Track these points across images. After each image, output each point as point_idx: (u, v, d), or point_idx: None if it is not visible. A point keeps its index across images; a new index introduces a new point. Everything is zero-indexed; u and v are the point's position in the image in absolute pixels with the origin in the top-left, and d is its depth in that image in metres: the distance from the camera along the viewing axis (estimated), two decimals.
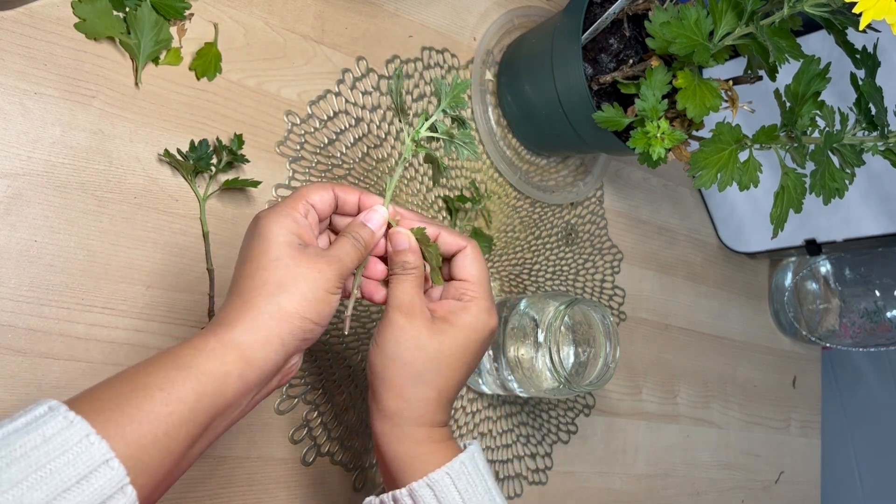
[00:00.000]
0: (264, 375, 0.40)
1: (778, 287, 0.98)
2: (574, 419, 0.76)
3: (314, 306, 0.41)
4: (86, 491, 0.32)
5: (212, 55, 0.57)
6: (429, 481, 0.44)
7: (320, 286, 0.41)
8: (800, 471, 0.99)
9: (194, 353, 0.38)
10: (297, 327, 0.40)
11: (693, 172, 0.57)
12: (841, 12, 0.52)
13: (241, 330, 0.39)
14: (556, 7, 0.79)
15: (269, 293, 0.40)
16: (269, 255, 0.41)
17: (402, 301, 0.46)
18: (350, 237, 0.45)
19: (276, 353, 0.40)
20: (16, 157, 0.50)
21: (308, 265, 0.41)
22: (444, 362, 0.46)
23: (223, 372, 0.38)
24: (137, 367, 0.38)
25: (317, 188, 0.45)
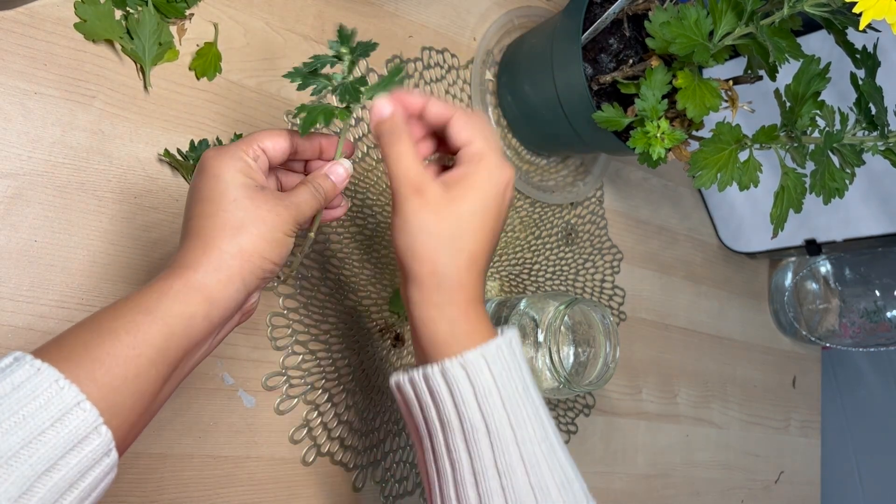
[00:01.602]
0: (227, 314, 0.40)
1: (778, 287, 0.98)
2: (574, 419, 0.76)
3: (272, 247, 0.41)
4: (60, 433, 0.33)
5: (212, 55, 0.57)
6: (462, 361, 0.42)
7: (278, 228, 0.42)
8: (800, 471, 0.99)
9: (159, 297, 0.38)
10: (256, 266, 0.41)
11: (693, 172, 0.57)
12: (841, 12, 0.52)
13: (203, 271, 0.39)
14: (556, 7, 0.79)
15: (230, 234, 0.40)
16: (228, 195, 0.41)
17: (408, 178, 0.44)
18: (311, 187, 0.45)
19: (238, 291, 0.40)
20: (16, 157, 0.50)
21: (268, 207, 0.41)
22: (468, 226, 0.44)
23: (189, 313, 0.38)
24: (101, 313, 0.38)
25: (271, 134, 0.45)
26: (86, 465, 0.34)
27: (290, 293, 0.60)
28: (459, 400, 0.42)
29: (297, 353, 0.60)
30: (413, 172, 0.44)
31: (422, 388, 0.43)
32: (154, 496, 0.52)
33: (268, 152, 0.44)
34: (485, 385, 0.42)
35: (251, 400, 0.57)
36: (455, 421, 0.42)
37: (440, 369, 0.43)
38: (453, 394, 0.42)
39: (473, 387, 0.42)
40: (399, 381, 0.45)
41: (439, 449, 0.43)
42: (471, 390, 0.42)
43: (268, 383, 0.58)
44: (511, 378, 0.43)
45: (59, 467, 0.33)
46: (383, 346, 0.64)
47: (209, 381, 0.56)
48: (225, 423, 0.56)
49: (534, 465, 0.42)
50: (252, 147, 0.43)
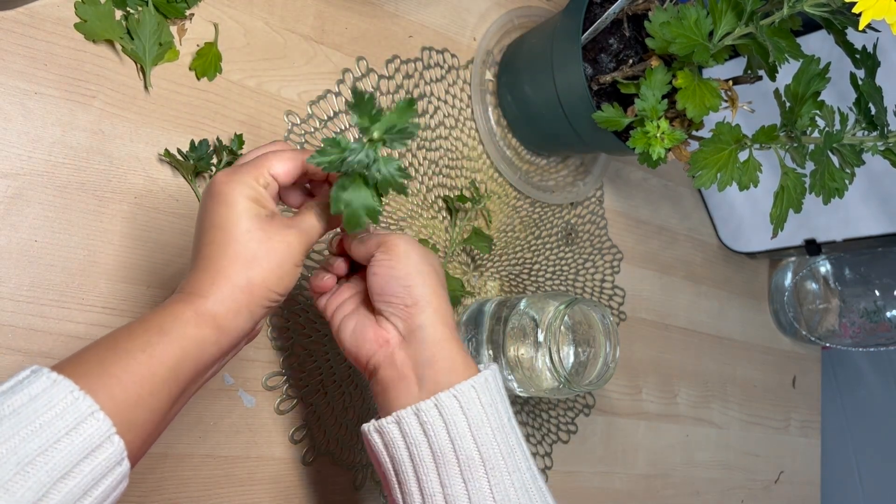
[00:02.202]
0: (235, 341, 0.42)
1: (778, 287, 0.98)
2: (574, 419, 0.76)
3: (281, 280, 0.42)
4: (75, 442, 0.34)
5: (212, 55, 0.57)
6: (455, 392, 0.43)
7: (288, 260, 0.43)
8: (800, 471, 0.99)
9: (173, 321, 0.39)
10: (263, 297, 0.42)
11: (693, 172, 0.57)
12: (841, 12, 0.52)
13: (213, 300, 0.40)
14: (556, 7, 0.79)
15: (241, 267, 0.41)
16: (240, 226, 0.42)
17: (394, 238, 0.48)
18: (317, 210, 0.45)
19: (246, 321, 0.42)
20: (16, 157, 0.50)
21: (279, 239, 0.42)
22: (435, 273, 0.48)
23: (201, 337, 0.40)
24: (117, 333, 0.39)
25: (282, 159, 0.44)
26: (99, 472, 0.35)
27: (290, 293, 0.60)
28: (454, 432, 0.43)
29: (297, 354, 0.60)
30: None
31: (410, 426, 0.43)
32: (154, 495, 0.52)
33: (279, 178, 0.44)
34: (477, 416, 0.43)
35: (251, 400, 0.57)
36: (450, 454, 0.43)
37: (434, 402, 0.43)
38: (448, 426, 0.43)
39: (467, 418, 0.43)
40: (378, 425, 0.45)
41: (429, 488, 0.43)
42: (465, 421, 0.43)
43: (268, 383, 0.58)
44: (497, 410, 0.45)
45: (74, 474, 0.34)
46: None
47: (209, 381, 0.55)
48: (225, 422, 0.56)
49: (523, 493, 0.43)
50: (262, 173, 0.43)
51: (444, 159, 0.70)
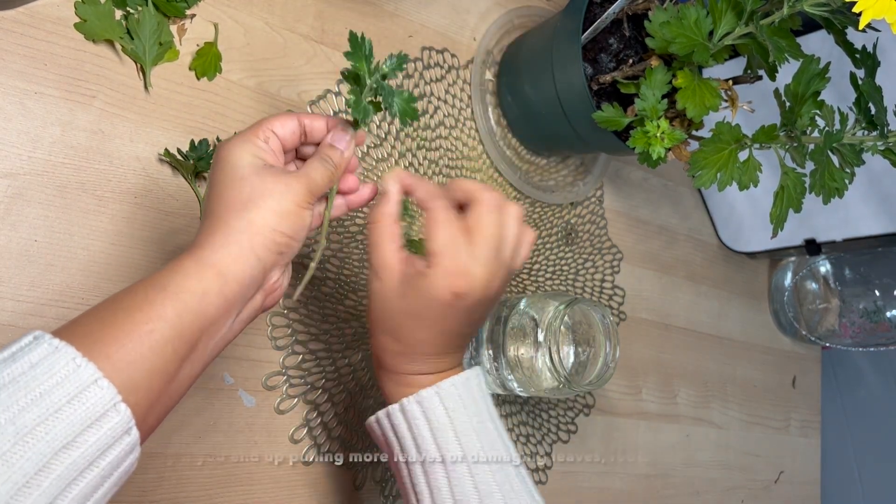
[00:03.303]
0: (243, 290, 0.40)
1: (778, 287, 0.98)
2: (574, 419, 0.76)
3: (283, 218, 0.41)
4: (77, 411, 0.33)
5: (212, 55, 0.57)
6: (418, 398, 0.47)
7: (288, 198, 0.41)
8: (800, 471, 0.99)
9: (171, 275, 0.38)
10: (269, 239, 0.41)
11: (693, 172, 0.57)
12: (840, 12, 0.52)
13: (212, 247, 0.39)
14: (556, 7, 0.79)
15: (237, 210, 0.40)
16: (235, 175, 0.41)
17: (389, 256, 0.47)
18: (318, 157, 0.45)
19: (252, 267, 0.40)
20: (16, 157, 0.50)
21: (274, 180, 0.41)
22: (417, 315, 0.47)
23: (202, 289, 0.38)
24: (117, 294, 0.38)
25: (280, 118, 0.45)
26: (105, 442, 0.34)
27: (291, 293, 0.60)
28: (417, 434, 0.47)
29: (297, 353, 0.60)
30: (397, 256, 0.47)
31: (386, 426, 0.48)
32: (153, 496, 0.52)
33: (278, 134, 0.45)
34: (439, 420, 0.46)
35: (251, 400, 0.57)
36: (414, 453, 0.47)
37: (399, 407, 0.48)
38: (412, 429, 0.47)
39: (429, 422, 0.47)
40: (370, 421, 0.50)
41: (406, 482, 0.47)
42: (426, 425, 0.47)
43: (268, 383, 0.58)
44: (468, 413, 0.47)
45: (77, 444, 0.33)
46: None
47: (209, 381, 0.56)
48: (225, 422, 0.56)
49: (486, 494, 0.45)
50: (262, 130, 0.44)
51: (444, 159, 0.70)
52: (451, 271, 0.45)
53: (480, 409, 0.48)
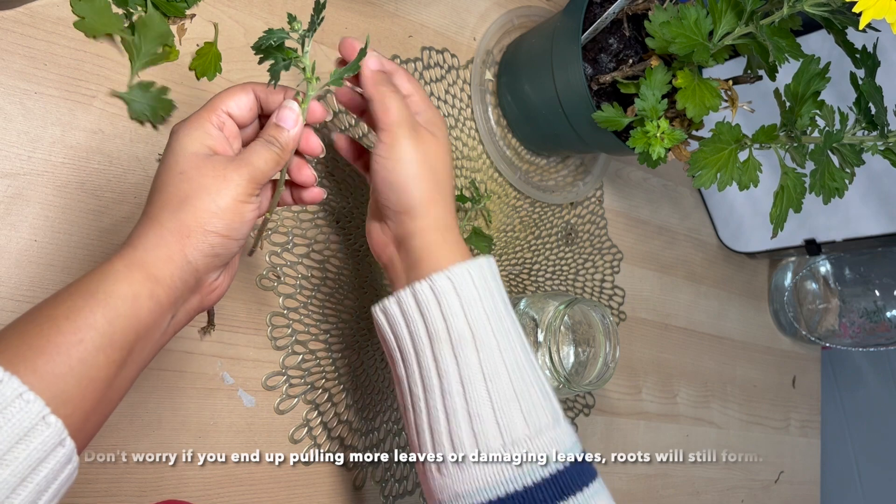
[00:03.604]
0: (176, 293, 0.39)
1: (777, 287, 0.98)
2: (574, 419, 0.76)
3: (217, 217, 0.39)
4: (3, 427, 0.31)
5: (212, 55, 0.57)
6: (449, 274, 0.45)
7: (225, 194, 0.39)
8: (799, 471, 0.99)
9: (101, 278, 0.37)
10: (201, 241, 0.39)
11: (693, 172, 0.57)
12: (841, 12, 0.52)
13: (143, 248, 0.38)
14: (556, 7, 0.79)
15: (172, 208, 0.38)
16: (175, 168, 0.39)
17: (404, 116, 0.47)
18: (262, 140, 0.42)
19: (182, 270, 0.38)
20: (16, 157, 0.50)
21: (213, 174, 0.39)
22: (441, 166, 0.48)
23: (132, 293, 0.37)
24: (43, 302, 0.36)
25: (233, 93, 0.43)
26: (37, 457, 0.32)
27: (290, 293, 0.60)
28: (447, 310, 0.44)
29: (297, 353, 0.60)
30: (408, 113, 0.47)
31: (408, 304, 0.45)
32: (154, 496, 0.52)
33: (234, 116, 0.43)
34: (470, 296, 0.45)
35: (251, 400, 0.57)
36: (443, 331, 0.44)
37: (428, 283, 0.45)
38: (441, 304, 0.44)
39: (460, 297, 0.45)
40: (384, 304, 0.47)
41: (426, 363, 0.45)
42: (457, 300, 0.45)
43: (268, 383, 0.58)
44: (492, 293, 0.46)
45: (7, 461, 0.31)
46: None
47: (209, 380, 0.56)
48: (225, 422, 0.56)
49: (515, 370, 0.44)
50: (215, 114, 0.42)
51: None
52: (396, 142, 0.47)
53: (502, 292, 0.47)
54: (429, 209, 0.47)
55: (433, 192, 0.47)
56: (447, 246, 0.47)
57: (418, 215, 0.47)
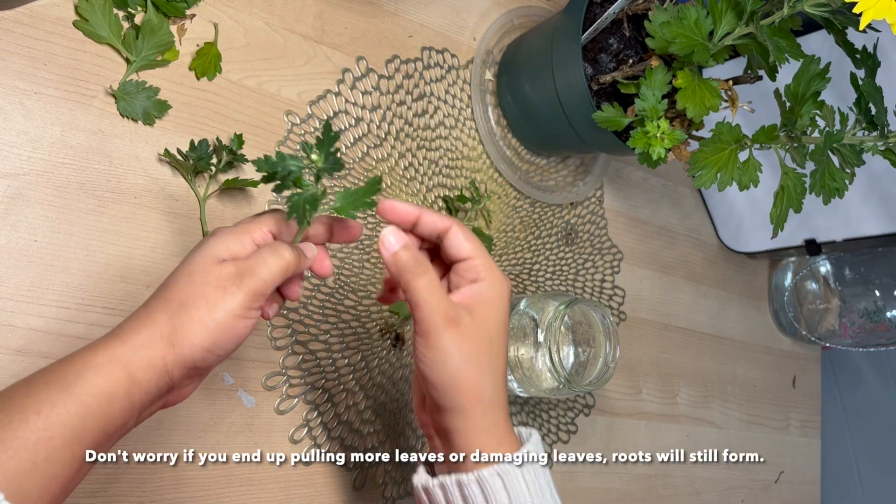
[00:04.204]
0: (150, 398, 0.37)
1: (778, 287, 0.98)
2: (574, 419, 0.76)
3: (211, 334, 0.37)
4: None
5: (212, 55, 0.57)
6: (500, 470, 0.42)
7: (222, 308, 0.38)
8: (799, 471, 0.99)
9: (80, 369, 0.35)
10: (184, 355, 0.37)
11: (693, 172, 0.57)
12: (841, 12, 0.52)
13: (130, 346, 0.37)
14: (556, 7, 0.79)
15: (170, 311, 0.37)
16: (188, 267, 0.38)
17: (442, 310, 0.42)
18: (273, 247, 0.41)
19: (160, 377, 0.37)
20: (16, 157, 0.50)
21: (215, 283, 0.38)
22: (498, 346, 0.44)
23: (109, 390, 0.35)
24: (17, 387, 0.35)
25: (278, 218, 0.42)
26: None
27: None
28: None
29: (297, 353, 0.60)
30: (446, 303, 0.43)
31: (454, 493, 0.43)
32: (154, 496, 0.52)
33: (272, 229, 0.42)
34: (520, 495, 0.42)
35: (251, 400, 0.57)
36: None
37: (476, 478, 0.42)
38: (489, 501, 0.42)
39: (510, 496, 0.42)
40: (428, 485, 0.44)
41: None
42: (507, 499, 0.42)
43: (268, 383, 0.58)
44: (540, 485, 0.43)
45: None
46: (383, 346, 0.64)
47: (209, 381, 0.56)
48: (225, 422, 0.56)
49: None
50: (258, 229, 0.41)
51: (443, 159, 0.70)
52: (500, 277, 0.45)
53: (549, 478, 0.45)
54: (474, 408, 0.43)
55: (478, 390, 0.43)
56: (494, 438, 0.44)
57: (462, 417, 0.43)
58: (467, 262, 0.45)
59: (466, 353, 0.42)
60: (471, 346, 0.42)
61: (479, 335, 0.43)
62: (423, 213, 0.45)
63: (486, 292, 0.44)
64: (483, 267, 0.45)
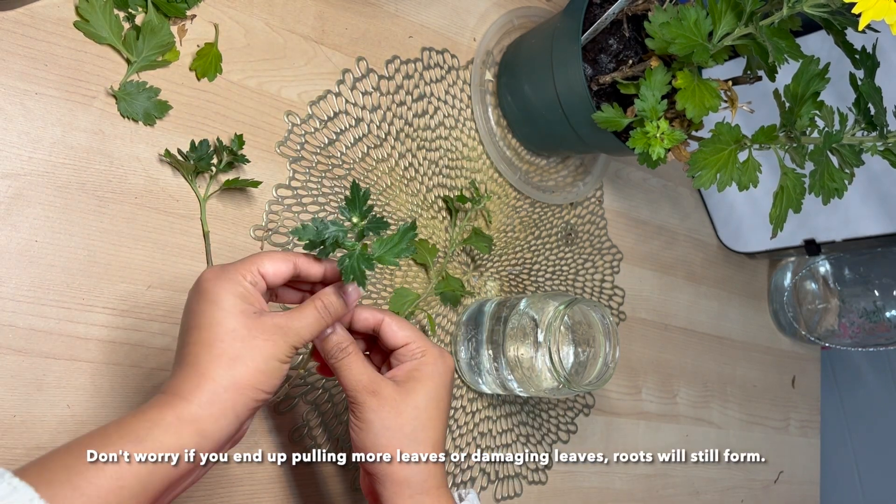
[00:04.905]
0: (218, 446, 0.40)
1: (777, 287, 0.98)
2: (574, 419, 0.76)
3: (267, 378, 0.41)
4: None
5: (212, 55, 0.58)
6: None
7: (273, 356, 0.41)
8: (799, 470, 0.99)
9: (150, 427, 0.38)
10: (250, 398, 0.40)
11: (692, 173, 0.57)
12: (840, 13, 0.52)
13: (197, 404, 0.39)
14: (556, 7, 0.79)
15: (225, 366, 0.40)
16: (226, 325, 0.41)
17: (361, 382, 0.46)
18: (316, 307, 0.44)
19: (231, 424, 0.40)
20: (17, 158, 0.50)
21: (264, 337, 0.41)
22: (426, 417, 0.46)
23: (179, 446, 0.38)
24: (91, 438, 0.37)
25: (274, 259, 0.44)
26: None
27: None
28: None
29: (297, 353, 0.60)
30: (365, 377, 0.46)
31: None
32: None
33: (267, 278, 0.43)
34: None
35: None
36: None
37: None
38: None
39: None
40: None
41: None
42: None
43: None
44: None
45: None
46: None
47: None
48: None
49: None
50: (251, 271, 0.43)
51: (444, 159, 0.70)
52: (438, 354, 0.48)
53: None
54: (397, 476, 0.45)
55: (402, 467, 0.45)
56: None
57: (388, 484, 0.46)
58: (405, 347, 0.48)
59: (385, 421, 0.45)
60: (390, 414, 0.45)
61: (405, 406, 0.46)
62: (356, 311, 0.48)
63: (422, 368, 0.47)
64: (420, 348, 0.48)
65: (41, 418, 0.49)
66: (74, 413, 0.50)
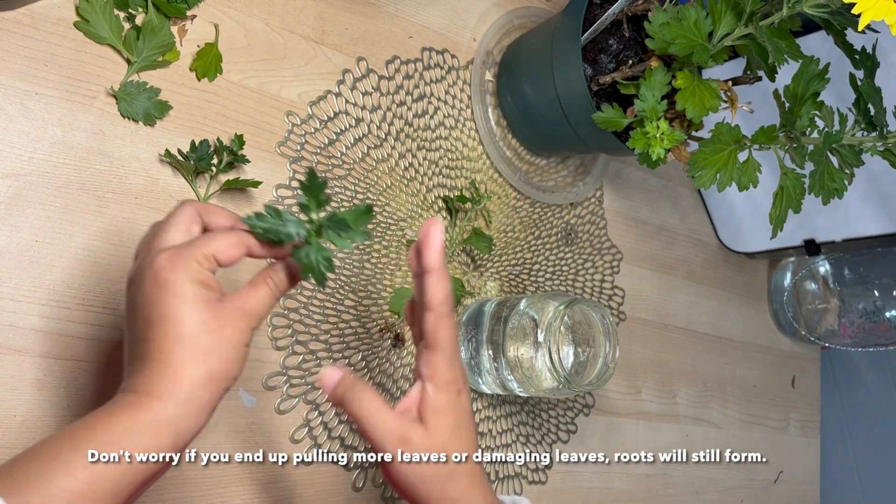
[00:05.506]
0: (191, 441, 0.40)
1: (777, 287, 0.98)
2: (574, 419, 0.76)
3: (237, 365, 0.40)
4: None
5: (212, 56, 0.58)
6: None
7: (241, 343, 0.40)
8: (799, 470, 0.99)
9: (125, 430, 0.37)
10: (222, 388, 0.40)
11: (692, 173, 0.57)
12: (840, 13, 0.52)
13: (174, 404, 0.38)
14: (556, 7, 0.79)
15: (199, 361, 0.39)
16: (194, 318, 0.39)
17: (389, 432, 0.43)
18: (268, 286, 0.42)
19: (207, 417, 0.40)
20: (17, 158, 0.50)
21: (231, 325, 0.40)
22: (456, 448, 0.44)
23: (156, 448, 0.37)
24: (59, 438, 0.36)
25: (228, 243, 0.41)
26: None
27: (291, 293, 0.60)
28: None
29: (297, 353, 0.60)
30: (391, 424, 0.43)
31: None
32: (155, 496, 0.52)
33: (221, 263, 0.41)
34: None
35: (251, 400, 0.57)
36: None
37: None
38: None
39: None
40: None
41: None
42: None
43: (268, 383, 0.58)
44: None
45: None
46: (383, 346, 0.65)
47: None
48: (225, 422, 0.56)
49: None
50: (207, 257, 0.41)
51: (444, 159, 0.70)
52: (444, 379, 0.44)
53: None
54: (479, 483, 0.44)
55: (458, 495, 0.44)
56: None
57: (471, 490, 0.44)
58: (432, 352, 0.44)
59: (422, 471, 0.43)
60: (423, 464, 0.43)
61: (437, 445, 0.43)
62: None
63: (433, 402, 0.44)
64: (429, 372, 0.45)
65: (41, 418, 0.49)
66: (74, 413, 0.50)
